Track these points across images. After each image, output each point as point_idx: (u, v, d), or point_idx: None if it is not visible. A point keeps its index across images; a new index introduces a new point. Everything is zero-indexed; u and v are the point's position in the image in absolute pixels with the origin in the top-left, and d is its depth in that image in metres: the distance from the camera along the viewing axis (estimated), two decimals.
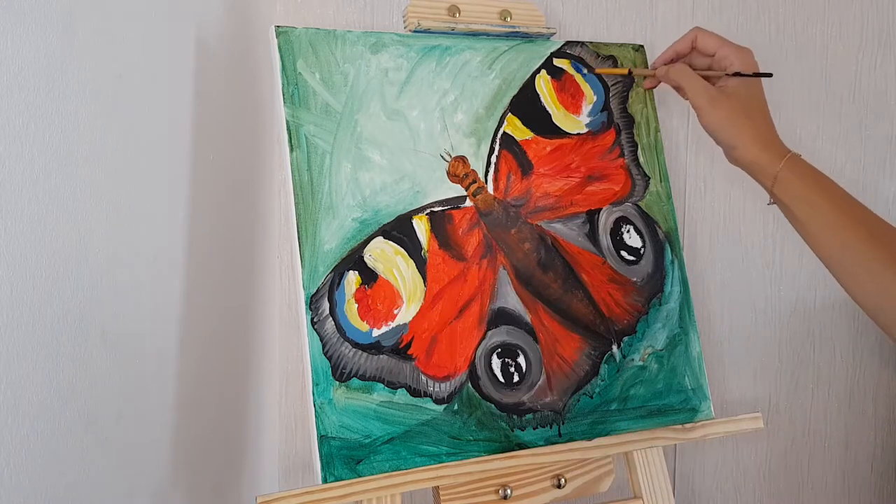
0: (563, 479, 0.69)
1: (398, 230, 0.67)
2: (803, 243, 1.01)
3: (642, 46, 0.82)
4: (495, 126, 0.73)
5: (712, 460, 1.02)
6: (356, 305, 0.65)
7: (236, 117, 0.77)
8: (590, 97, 0.78)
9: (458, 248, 0.69)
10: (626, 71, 0.74)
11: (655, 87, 0.77)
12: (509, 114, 0.74)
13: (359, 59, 0.68)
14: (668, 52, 0.72)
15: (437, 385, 0.66)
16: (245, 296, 0.80)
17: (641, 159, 0.79)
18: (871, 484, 1.07)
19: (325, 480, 0.60)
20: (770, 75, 0.68)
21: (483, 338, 0.69)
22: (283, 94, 0.65)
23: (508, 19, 0.75)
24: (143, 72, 0.56)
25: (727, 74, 0.67)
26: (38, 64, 0.42)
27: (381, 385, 0.64)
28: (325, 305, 0.64)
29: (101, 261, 0.50)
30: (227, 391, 0.75)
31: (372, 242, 0.66)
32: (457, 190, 0.70)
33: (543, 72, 0.76)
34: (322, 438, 0.61)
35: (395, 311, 0.66)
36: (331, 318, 0.64)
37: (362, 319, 0.65)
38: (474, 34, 0.73)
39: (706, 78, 0.70)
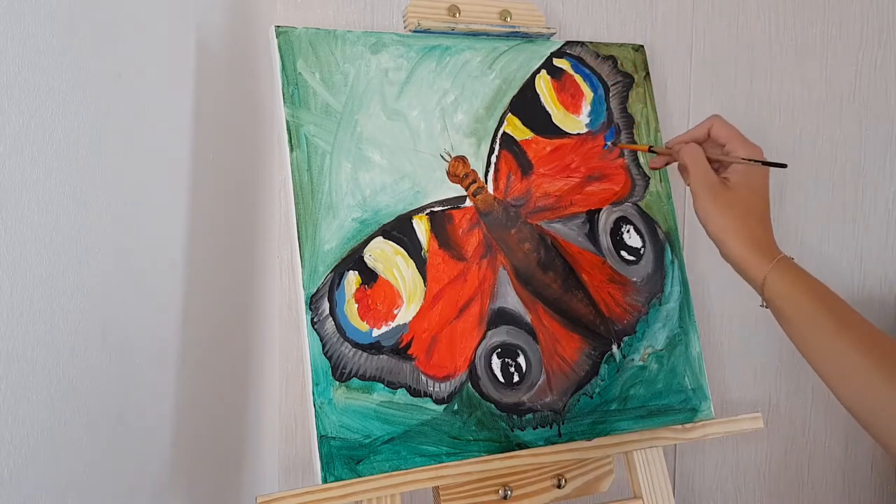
0: (563, 479, 0.69)
1: (398, 230, 0.67)
2: (803, 244, 1.01)
3: (642, 46, 0.82)
4: (495, 126, 0.73)
5: (712, 460, 1.02)
6: (356, 305, 0.65)
7: (236, 117, 0.77)
8: (589, 97, 0.78)
9: (458, 248, 0.69)
10: (646, 148, 0.74)
11: (666, 165, 0.74)
12: (509, 114, 0.74)
13: (359, 59, 0.68)
14: (685, 136, 0.69)
15: (436, 385, 0.66)
16: (245, 296, 0.80)
17: (641, 159, 0.79)
18: (871, 484, 1.07)
19: (325, 480, 0.60)
20: (784, 166, 0.65)
21: (483, 338, 0.69)
22: (283, 94, 0.65)
23: (508, 19, 0.75)
24: (143, 72, 0.56)
25: (741, 159, 0.64)
26: (38, 64, 0.42)
27: (381, 385, 0.64)
28: (325, 305, 0.64)
29: (101, 261, 0.50)
30: (227, 391, 0.75)
31: (372, 242, 0.66)
32: (457, 190, 0.70)
33: (543, 72, 0.76)
34: (322, 438, 0.61)
35: (395, 311, 0.66)
36: (331, 318, 0.64)
37: (362, 319, 0.65)
38: (474, 34, 0.73)
39: (718, 163, 0.67)
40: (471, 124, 0.72)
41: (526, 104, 0.75)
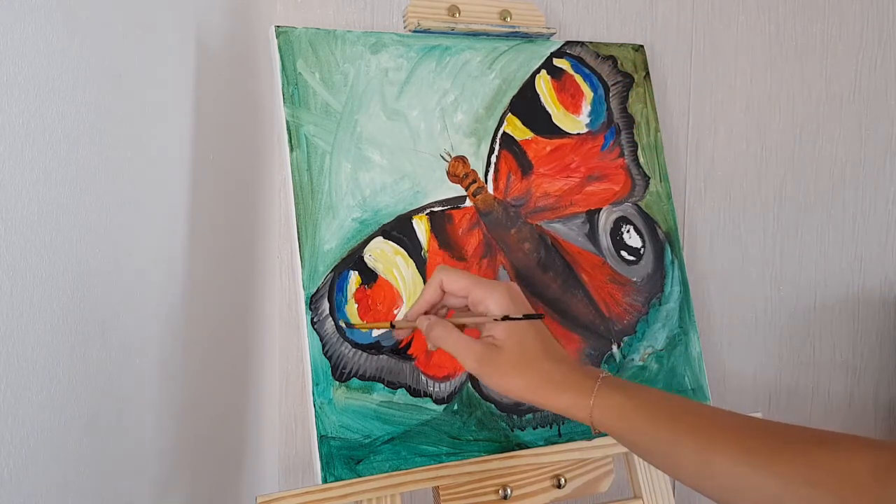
0: (563, 479, 0.69)
1: (398, 230, 0.67)
2: (803, 244, 1.01)
3: (642, 46, 0.82)
4: (495, 126, 0.73)
5: None
6: (356, 305, 0.65)
7: (236, 117, 0.77)
8: (589, 97, 0.78)
9: (458, 248, 0.69)
10: (388, 325, 0.62)
11: (411, 334, 0.66)
12: (509, 114, 0.74)
13: (359, 59, 0.68)
14: (420, 303, 0.60)
15: (436, 385, 0.66)
16: (245, 296, 0.80)
17: (641, 159, 0.79)
18: None
19: (325, 480, 0.60)
20: (541, 317, 0.58)
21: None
22: (283, 94, 0.65)
23: (508, 19, 0.75)
24: (143, 72, 0.56)
25: (495, 319, 0.56)
26: (38, 64, 0.42)
27: (380, 385, 0.64)
28: (325, 305, 0.64)
29: (101, 261, 0.50)
30: (227, 391, 0.75)
31: (372, 242, 0.66)
32: (457, 190, 0.70)
33: (543, 72, 0.76)
34: (322, 438, 0.61)
35: (395, 311, 0.66)
36: (331, 318, 0.64)
37: (362, 319, 0.65)
38: (474, 34, 0.73)
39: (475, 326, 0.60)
40: (471, 124, 0.72)
41: (526, 104, 0.75)
